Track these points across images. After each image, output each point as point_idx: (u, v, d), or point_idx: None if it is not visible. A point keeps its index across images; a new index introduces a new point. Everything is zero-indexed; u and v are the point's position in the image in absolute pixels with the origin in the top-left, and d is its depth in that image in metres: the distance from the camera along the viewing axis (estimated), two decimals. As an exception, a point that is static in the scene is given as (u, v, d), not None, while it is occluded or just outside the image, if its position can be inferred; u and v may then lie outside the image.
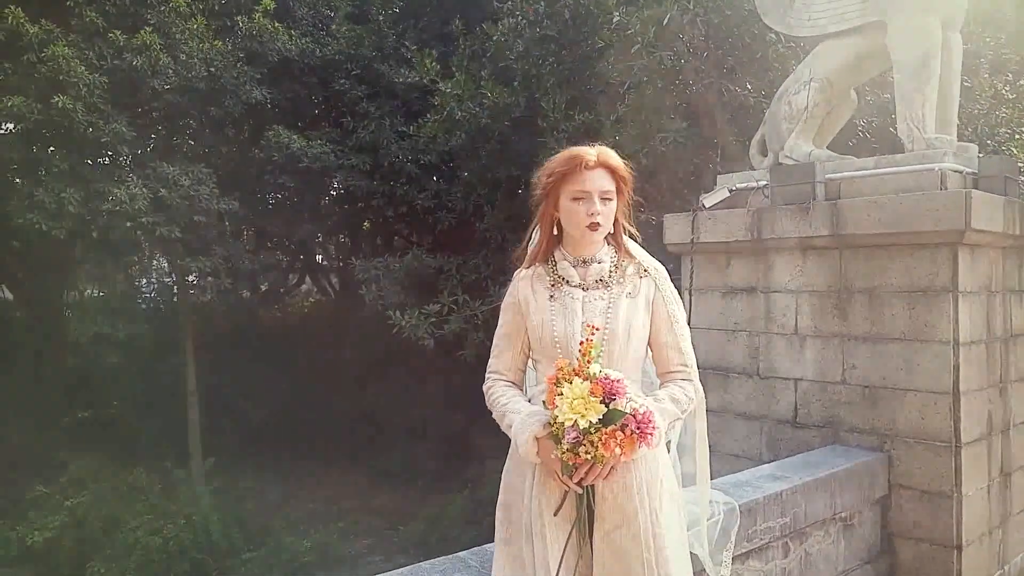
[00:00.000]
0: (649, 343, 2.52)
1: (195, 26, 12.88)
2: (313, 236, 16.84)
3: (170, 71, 12.60)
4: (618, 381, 2.13)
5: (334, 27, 14.99)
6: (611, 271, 2.49)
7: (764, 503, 3.84)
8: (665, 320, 2.48)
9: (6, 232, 13.19)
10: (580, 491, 2.25)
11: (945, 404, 4.67)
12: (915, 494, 4.81)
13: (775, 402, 5.57)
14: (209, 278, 14.02)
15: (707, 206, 6.08)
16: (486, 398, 2.58)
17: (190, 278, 14.42)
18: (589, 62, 10.76)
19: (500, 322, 2.63)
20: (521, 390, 2.61)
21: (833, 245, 5.16)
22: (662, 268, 2.57)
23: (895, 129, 5.35)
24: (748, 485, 4.01)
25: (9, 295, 16.66)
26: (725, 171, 6.69)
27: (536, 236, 2.61)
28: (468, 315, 11.25)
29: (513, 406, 2.45)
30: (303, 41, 14.63)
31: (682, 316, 2.53)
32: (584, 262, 2.50)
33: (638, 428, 2.10)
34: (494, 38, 11.57)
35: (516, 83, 11.52)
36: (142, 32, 12.27)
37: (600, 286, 2.47)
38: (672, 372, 2.50)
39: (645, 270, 2.51)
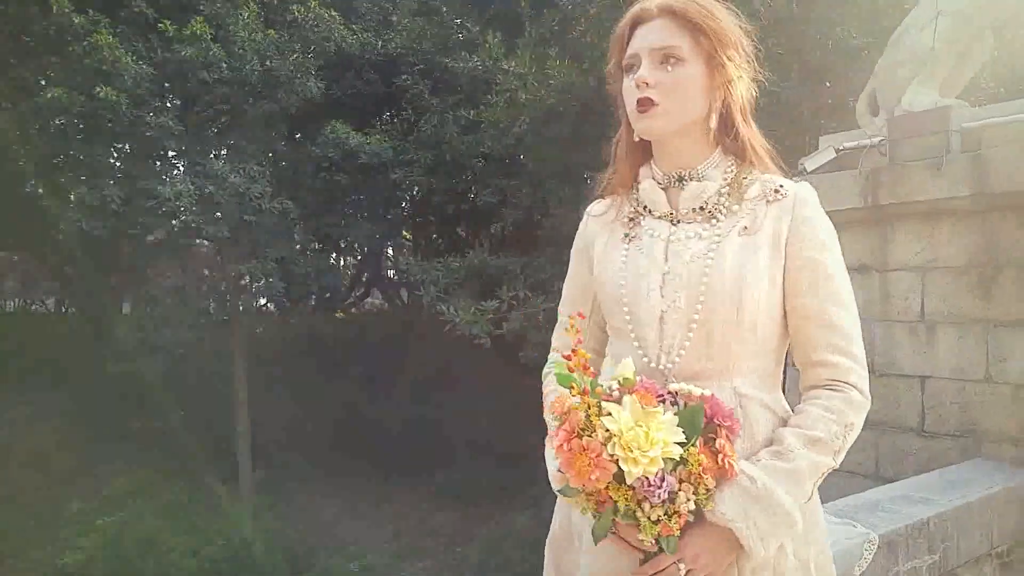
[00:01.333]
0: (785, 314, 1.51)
1: (247, 15, 12.28)
2: (373, 239, 16.02)
3: (222, 63, 12.04)
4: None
5: (395, 19, 14.28)
6: (723, 193, 1.50)
7: (908, 534, 2.70)
8: (805, 274, 1.45)
9: (52, 232, 12.73)
10: (653, 551, 1.33)
11: None
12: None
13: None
14: (262, 282, 13.35)
15: (809, 170, 5.00)
16: (543, 387, 1.64)
17: (242, 282, 13.76)
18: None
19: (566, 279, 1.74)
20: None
21: (976, 208, 4.16)
22: (808, 189, 1.52)
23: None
24: (881, 509, 2.87)
25: (51, 307, 16.41)
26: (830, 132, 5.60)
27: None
28: (530, 313, 10.13)
29: None
30: (365, 35, 14.03)
31: (839, 269, 1.50)
32: (680, 180, 1.52)
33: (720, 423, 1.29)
34: (560, 2, 10.56)
35: (586, 62, 10.43)
36: (193, 22, 11.75)
37: (700, 217, 1.50)
38: (817, 367, 1.46)
39: (776, 190, 1.49)
